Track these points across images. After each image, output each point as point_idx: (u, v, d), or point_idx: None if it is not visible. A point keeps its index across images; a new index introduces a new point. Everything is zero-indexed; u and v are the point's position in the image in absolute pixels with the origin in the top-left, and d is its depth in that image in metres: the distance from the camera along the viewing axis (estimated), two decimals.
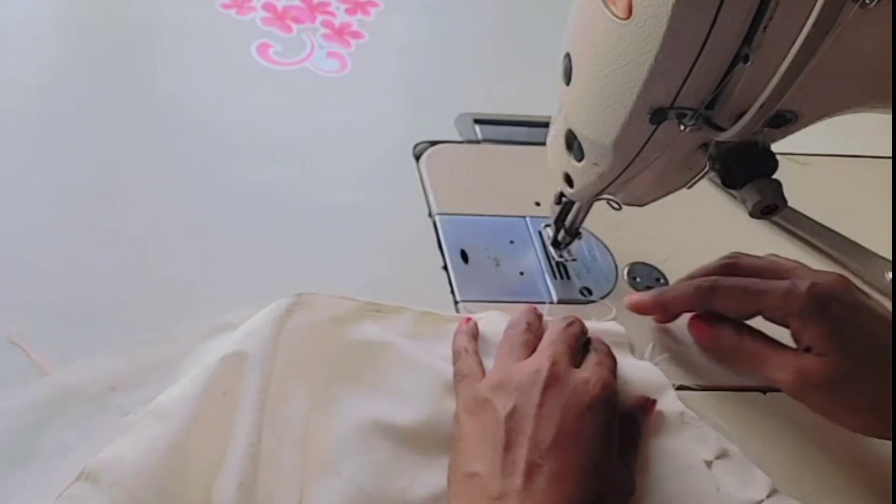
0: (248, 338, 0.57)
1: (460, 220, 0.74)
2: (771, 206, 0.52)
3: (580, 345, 0.59)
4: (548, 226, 0.71)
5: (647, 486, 0.56)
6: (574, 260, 0.71)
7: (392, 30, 0.99)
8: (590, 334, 0.61)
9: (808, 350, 0.58)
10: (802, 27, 0.42)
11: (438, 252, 0.72)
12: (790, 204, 0.53)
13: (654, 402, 0.59)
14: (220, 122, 0.81)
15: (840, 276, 0.61)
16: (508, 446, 0.51)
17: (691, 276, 0.66)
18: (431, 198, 0.76)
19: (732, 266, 0.65)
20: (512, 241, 0.73)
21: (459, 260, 0.71)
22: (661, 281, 0.72)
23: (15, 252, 0.65)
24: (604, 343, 0.60)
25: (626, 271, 0.73)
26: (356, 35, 0.97)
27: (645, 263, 0.74)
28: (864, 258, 0.76)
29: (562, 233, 0.70)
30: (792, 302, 0.59)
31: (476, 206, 0.76)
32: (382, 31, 0.98)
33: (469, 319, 0.63)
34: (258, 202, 0.73)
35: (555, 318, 0.62)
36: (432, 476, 0.54)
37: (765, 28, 0.46)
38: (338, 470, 0.53)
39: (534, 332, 0.61)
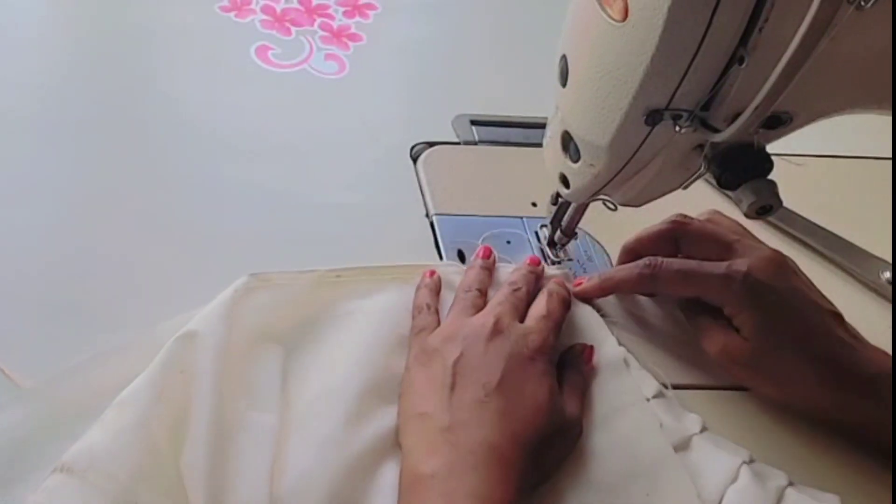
0: (201, 319, 0.59)
1: (457, 221, 0.75)
2: (766, 207, 0.53)
3: (526, 305, 0.63)
4: (544, 226, 0.72)
5: (593, 425, 0.59)
6: (570, 260, 0.72)
7: (390, 32, 0.99)
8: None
9: (737, 331, 0.62)
10: (798, 29, 0.42)
11: (436, 252, 0.72)
12: (785, 204, 0.53)
13: (591, 347, 0.63)
14: (219, 124, 0.81)
15: (777, 254, 0.64)
16: (454, 387, 0.55)
17: (637, 241, 0.69)
18: (429, 198, 0.77)
19: (677, 230, 0.67)
20: (509, 242, 0.73)
21: (457, 260, 0.71)
22: None
23: (15, 252, 0.66)
24: (563, 287, 0.65)
25: None
26: (354, 37, 0.97)
27: None
28: (859, 258, 0.76)
29: (558, 233, 0.70)
30: (727, 289, 0.62)
31: (473, 206, 0.76)
32: (380, 33, 0.99)
33: (433, 273, 0.66)
34: (257, 203, 0.74)
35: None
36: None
37: (760, 30, 0.46)
38: (310, 423, 0.56)
39: (483, 295, 0.64)
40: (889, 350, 0.61)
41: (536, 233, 0.74)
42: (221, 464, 0.53)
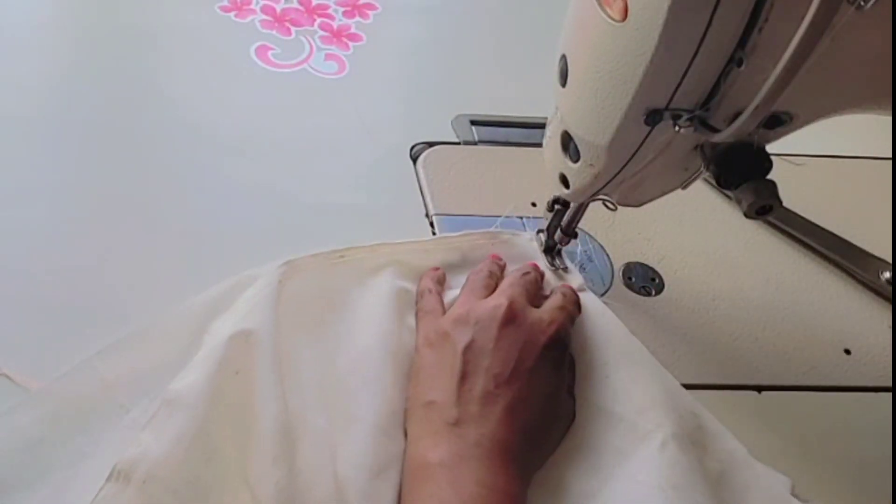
0: (250, 314, 0.58)
1: (457, 221, 0.75)
2: (766, 207, 0.52)
3: (537, 290, 0.63)
4: (540, 231, 0.71)
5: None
6: (565, 269, 0.70)
7: (390, 32, 0.99)
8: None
9: None
10: (797, 29, 0.42)
11: None
12: (785, 204, 0.53)
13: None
14: (219, 124, 0.82)
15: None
16: (465, 377, 0.54)
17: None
18: (428, 199, 0.77)
19: None
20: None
21: None
22: (656, 280, 0.73)
23: (15, 252, 0.66)
24: (572, 290, 0.64)
25: (621, 271, 0.73)
26: (354, 37, 0.97)
27: (640, 263, 0.74)
28: (858, 258, 0.76)
29: (558, 233, 0.70)
30: None
31: (473, 206, 0.76)
32: (380, 33, 0.99)
33: (437, 269, 0.66)
34: (257, 203, 0.74)
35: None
36: None
37: (760, 30, 0.46)
38: (357, 416, 0.55)
39: (495, 279, 0.63)
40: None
41: (538, 232, 0.74)
42: (291, 471, 0.52)
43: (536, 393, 0.55)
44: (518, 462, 0.52)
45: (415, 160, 0.82)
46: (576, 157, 0.58)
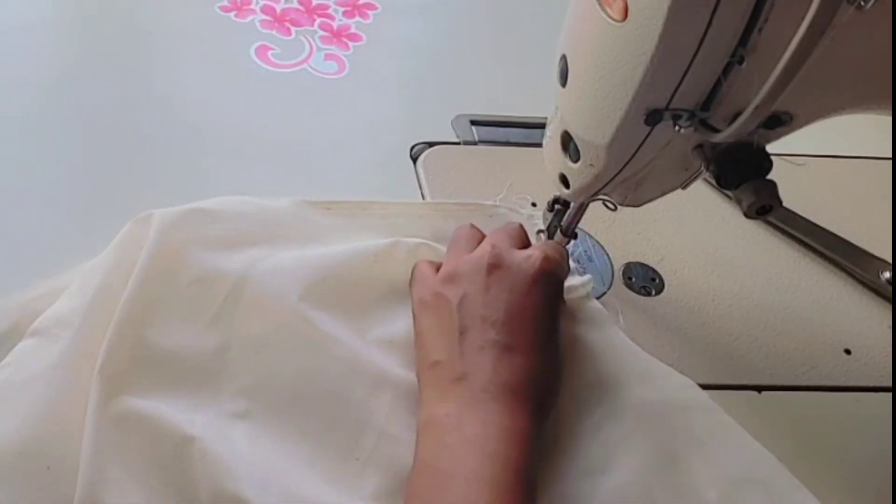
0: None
1: None
2: (766, 207, 0.53)
3: (521, 238, 0.62)
4: (540, 231, 0.71)
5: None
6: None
7: (390, 32, 0.99)
8: None
9: None
10: (797, 29, 0.42)
11: None
12: (785, 204, 0.53)
13: None
14: (218, 124, 0.82)
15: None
16: (463, 331, 0.55)
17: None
18: (428, 198, 0.76)
19: None
20: None
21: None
22: (657, 281, 0.72)
23: (15, 253, 0.66)
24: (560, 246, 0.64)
25: (621, 271, 0.73)
26: (354, 37, 0.97)
27: (641, 263, 0.74)
28: (859, 258, 0.76)
29: (557, 235, 0.70)
30: None
31: None
32: (380, 33, 0.99)
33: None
34: None
35: None
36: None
37: (760, 30, 0.46)
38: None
39: (479, 233, 0.64)
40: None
41: (538, 232, 0.74)
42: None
43: (533, 333, 0.55)
44: (529, 402, 0.52)
45: (415, 160, 0.81)
46: (576, 157, 0.58)
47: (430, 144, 0.83)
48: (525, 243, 0.63)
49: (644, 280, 0.73)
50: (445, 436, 0.50)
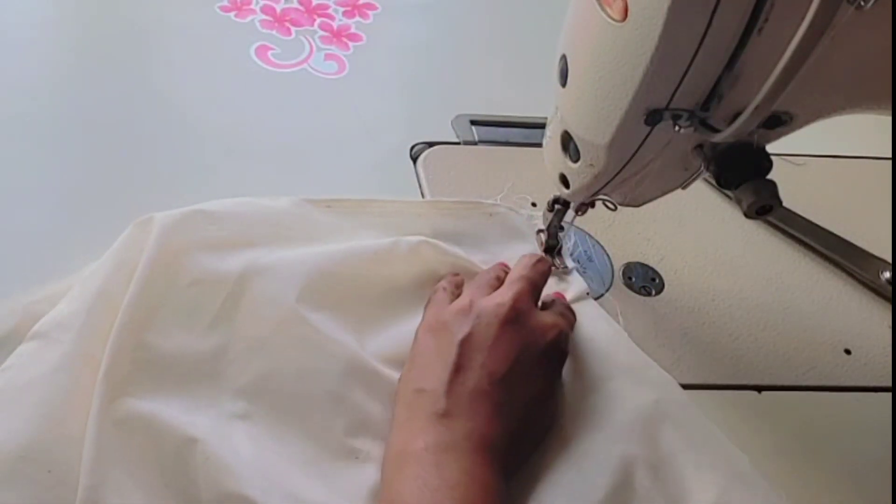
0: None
1: None
2: (766, 207, 0.52)
3: (544, 283, 0.61)
4: (541, 231, 0.71)
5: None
6: (565, 268, 0.70)
7: (390, 32, 0.99)
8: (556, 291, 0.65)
9: None
10: (797, 29, 0.42)
11: None
12: (785, 204, 0.53)
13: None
14: (218, 124, 0.81)
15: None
16: (458, 369, 0.54)
17: None
18: (428, 199, 0.76)
19: None
20: None
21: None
22: (657, 280, 0.72)
23: (15, 253, 0.66)
24: (567, 306, 0.63)
25: (621, 271, 0.73)
26: (354, 37, 0.97)
27: (641, 263, 0.74)
28: (859, 258, 0.76)
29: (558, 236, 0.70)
30: None
31: None
32: (380, 33, 0.99)
33: (457, 275, 0.65)
34: None
35: None
36: None
37: (760, 30, 0.46)
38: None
39: (502, 279, 0.62)
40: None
41: (538, 232, 0.74)
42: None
43: (527, 396, 0.55)
44: (501, 460, 0.52)
45: (415, 160, 0.81)
46: (576, 156, 0.58)
47: (430, 144, 0.83)
48: (541, 289, 0.61)
49: (644, 280, 0.73)
50: (426, 475, 0.49)
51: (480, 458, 0.50)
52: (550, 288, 0.65)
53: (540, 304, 0.62)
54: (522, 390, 0.54)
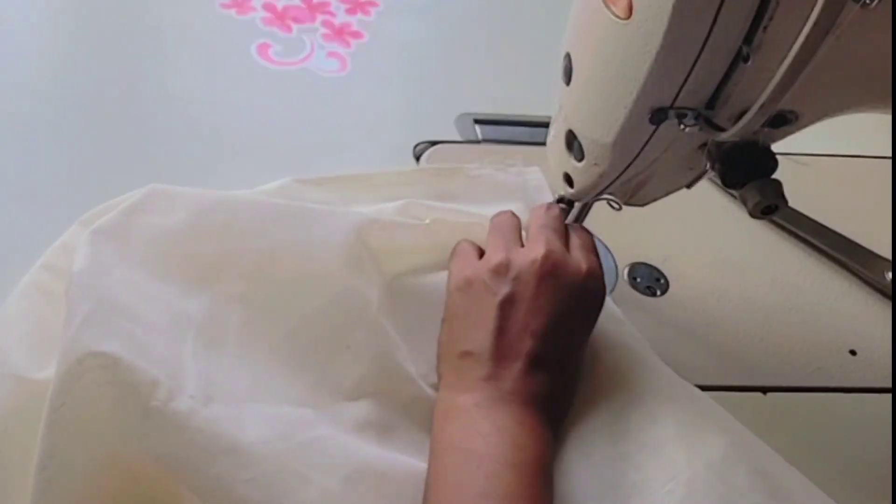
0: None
1: None
2: (771, 206, 0.52)
3: (563, 226, 0.61)
4: None
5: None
6: None
7: (392, 30, 0.99)
8: None
9: None
10: (803, 27, 0.42)
11: None
12: (790, 204, 0.53)
13: None
14: (219, 122, 0.81)
15: None
16: (501, 331, 0.54)
17: None
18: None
19: None
20: None
21: None
22: (661, 280, 0.72)
23: (15, 254, 0.65)
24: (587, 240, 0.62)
25: (626, 271, 0.73)
26: (356, 35, 0.97)
27: (645, 263, 0.74)
28: (864, 258, 0.75)
29: None
30: None
31: None
32: (382, 31, 0.98)
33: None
34: None
35: None
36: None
37: (765, 28, 0.46)
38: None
39: (517, 219, 0.63)
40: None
41: None
42: None
43: (569, 345, 0.56)
44: (547, 411, 0.53)
45: (417, 159, 0.81)
46: (580, 155, 0.58)
47: (433, 143, 0.83)
48: (565, 230, 0.61)
49: (649, 280, 0.72)
50: (476, 423, 0.51)
51: (528, 410, 0.52)
52: None
53: None
54: (565, 340, 0.55)
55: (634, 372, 0.58)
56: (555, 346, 0.55)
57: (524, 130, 0.87)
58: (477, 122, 0.87)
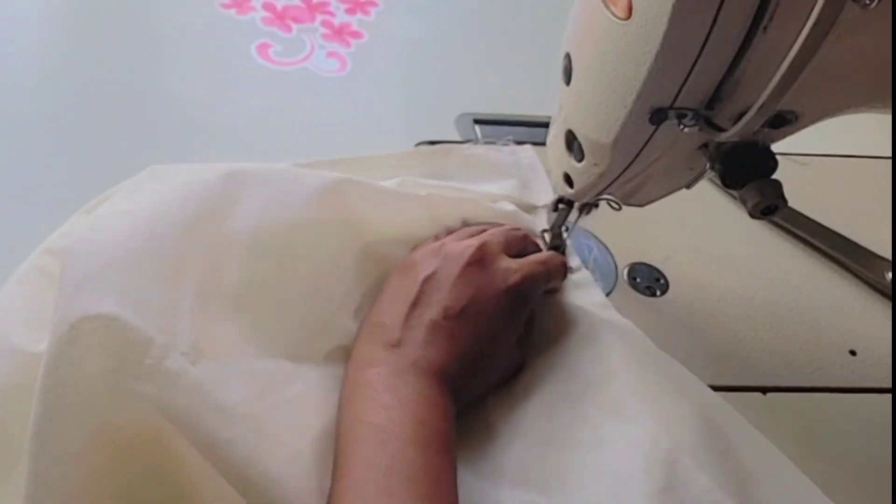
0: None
1: None
2: (771, 207, 0.52)
3: (518, 245, 0.63)
4: (545, 231, 0.71)
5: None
6: (570, 268, 0.70)
7: (392, 30, 0.99)
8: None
9: None
10: (803, 27, 0.42)
11: None
12: (790, 204, 0.53)
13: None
14: (219, 122, 0.81)
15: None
16: (416, 303, 0.56)
17: None
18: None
19: None
20: None
21: None
22: (661, 281, 0.72)
23: (15, 254, 0.65)
24: (563, 261, 0.64)
25: (626, 271, 0.73)
26: (356, 35, 0.97)
27: (645, 263, 0.74)
28: (864, 258, 0.75)
29: (563, 235, 0.70)
30: None
31: None
32: (382, 31, 0.98)
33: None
34: None
35: None
36: None
37: (765, 28, 0.45)
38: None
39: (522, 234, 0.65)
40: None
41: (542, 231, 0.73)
42: None
43: (483, 333, 0.56)
44: (450, 385, 0.53)
45: None
46: (580, 156, 0.58)
47: (433, 143, 0.82)
48: (520, 252, 0.62)
49: (649, 280, 0.72)
50: (379, 395, 0.51)
51: (430, 381, 0.52)
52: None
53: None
54: (478, 327, 0.56)
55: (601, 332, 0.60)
56: (466, 328, 0.55)
57: (524, 130, 0.86)
58: (477, 122, 0.87)
